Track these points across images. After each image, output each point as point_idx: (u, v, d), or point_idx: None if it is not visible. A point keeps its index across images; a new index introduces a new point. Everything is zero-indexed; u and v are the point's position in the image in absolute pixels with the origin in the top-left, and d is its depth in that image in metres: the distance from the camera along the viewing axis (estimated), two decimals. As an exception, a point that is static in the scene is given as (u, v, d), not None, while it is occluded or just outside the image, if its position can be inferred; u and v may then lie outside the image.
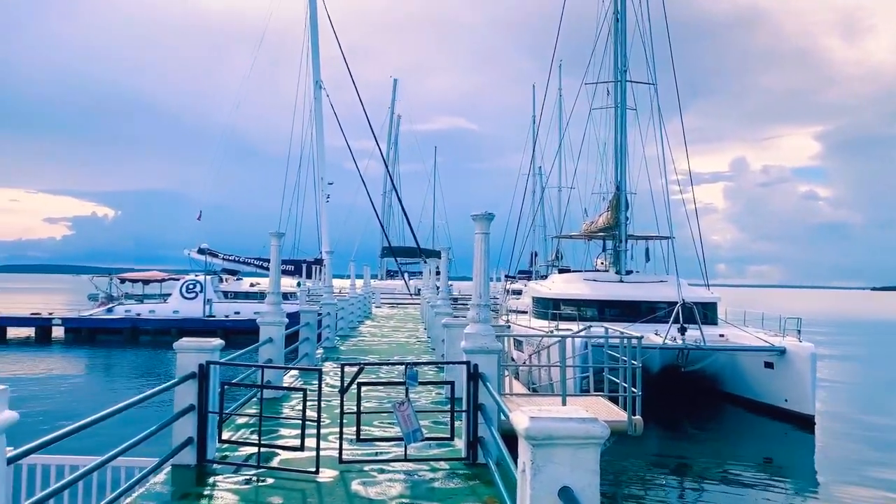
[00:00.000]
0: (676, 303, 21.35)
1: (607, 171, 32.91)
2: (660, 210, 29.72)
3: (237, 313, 40.73)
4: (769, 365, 20.43)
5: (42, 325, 39.57)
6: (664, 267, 29.12)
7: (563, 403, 9.98)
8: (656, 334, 20.31)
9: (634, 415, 10.00)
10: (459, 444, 7.10)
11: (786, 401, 19.77)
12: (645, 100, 30.75)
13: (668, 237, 28.53)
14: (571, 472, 3.19)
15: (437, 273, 27.37)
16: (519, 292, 42.41)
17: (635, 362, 10.11)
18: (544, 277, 38.85)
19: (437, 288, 21.37)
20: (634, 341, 10.35)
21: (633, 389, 10.00)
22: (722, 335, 21.88)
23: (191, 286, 42.05)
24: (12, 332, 38.54)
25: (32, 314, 42.36)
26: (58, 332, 39.54)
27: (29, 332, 39.17)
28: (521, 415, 3.28)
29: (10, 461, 3.35)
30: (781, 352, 20.03)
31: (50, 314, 42.19)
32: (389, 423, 8.41)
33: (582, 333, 15.94)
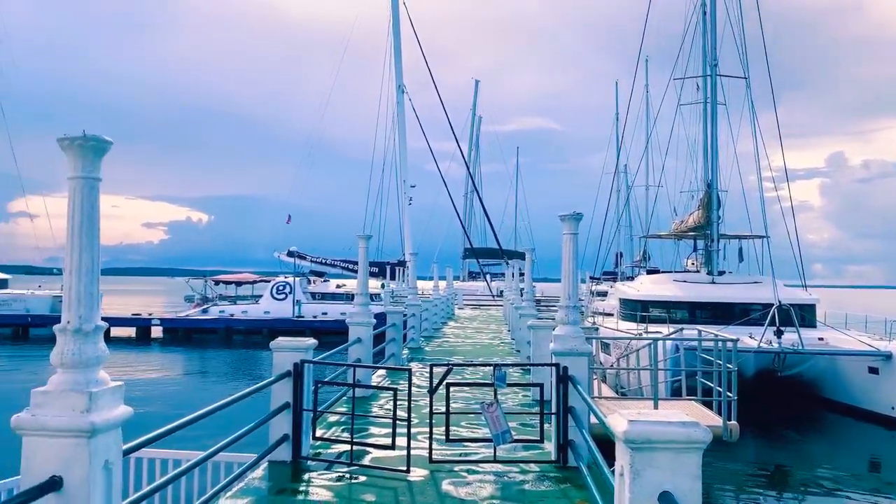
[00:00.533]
0: (772, 304, 20.55)
1: (697, 169, 31.97)
2: (752, 208, 28.67)
3: (324, 314, 41.73)
4: (874, 370, 19.35)
5: (142, 326, 41.65)
6: (758, 267, 28.07)
7: (655, 407, 9.74)
8: (751, 337, 19.60)
9: (730, 420, 9.67)
10: (549, 446, 7.03)
11: (893, 409, 18.69)
12: (734, 94, 29.74)
13: (763, 236, 27.46)
14: (672, 476, 3.12)
15: (521, 274, 27.24)
16: (604, 294, 41.72)
17: (730, 366, 9.76)
18: (630, 279, 38.07)
19: (522, 290, 21.27)
20: (730, 344, 10.00)
21: (729, 394, 9.66)
22: (821, 338, 20.91)
23: (280, 287, 43.37)
24: (115, 332, 40.71)
25: (133, 315, 44.64)
26: (156, 331, 41.53)
27: (130, 331, 41.24)
28: (620, 418, 3.21)
29: (126, 453, 3.52)
30: (888, 356, 18.95)
31: (149, 315, 44.38)
32: (477, 424, 8.41)
33: (674, 335, 15.54)
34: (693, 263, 31.38)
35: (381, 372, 12.77)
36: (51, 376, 3.23)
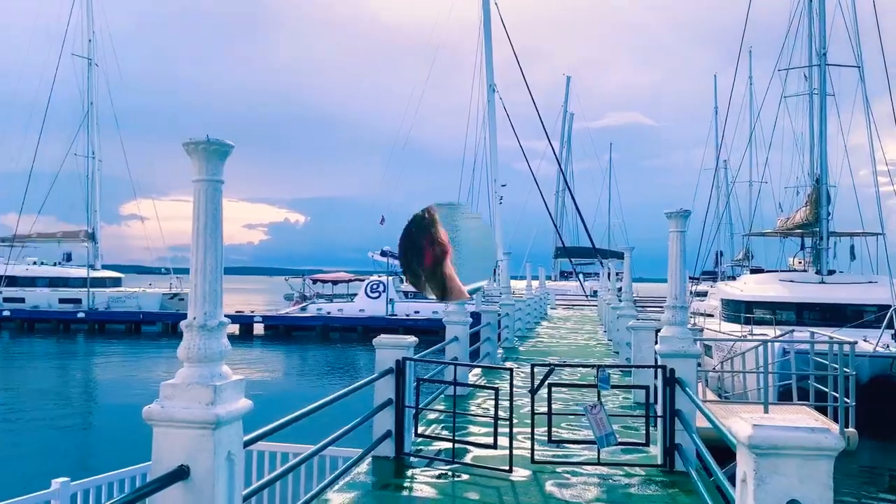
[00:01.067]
0: (889, 306, 19.33)
1: (803, 163, 30.46)
2: (865, 203, 27.07)
3: (417, 312, 42.25)
4: None
5: (245, 322, 43.32)
6: (871, 266, 26.47)
7: (765, 412, 9.34)
8: (865, 340, 18.49)
9: (847, 427, 9.16)
10: (654, 450, 6.84)
11: None
12: (844, 83, 28.13)
13: (878, 233, 25.86)
14: (800, 484, 2.98)
15: (618, 274, 26.69)
16: (703, 294, 40.32)
17: (848, 370, 9.24)
18: (731, 278, 36.69)
19: (619, 289, 20.83)
20: (846, 347, 9.46)
21: (846, 400, 9.15)
22: None
23: (374, 286, 44.20)
24: (220, 328, 42.42)
25: (237, 312, 46.52)
26: (258, 328, 43.10)
27: (234, 328, 42.94)
28: (742, 422, 3.09)
29: (245, 445, 3.64)
30: None
31: (252, 312, 46.10)
32: (577, 426, 8.29)
33: (784, 338, 14.85)
34: (800, 262, 29.90)
35: (476, 371, 12.78)
36: (178, 370, 3.38)
